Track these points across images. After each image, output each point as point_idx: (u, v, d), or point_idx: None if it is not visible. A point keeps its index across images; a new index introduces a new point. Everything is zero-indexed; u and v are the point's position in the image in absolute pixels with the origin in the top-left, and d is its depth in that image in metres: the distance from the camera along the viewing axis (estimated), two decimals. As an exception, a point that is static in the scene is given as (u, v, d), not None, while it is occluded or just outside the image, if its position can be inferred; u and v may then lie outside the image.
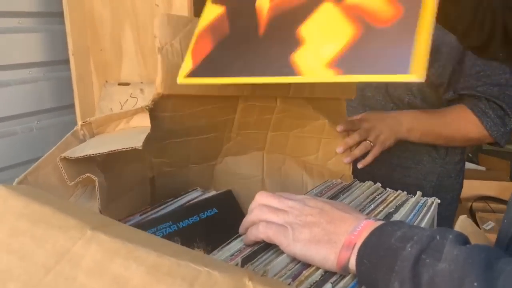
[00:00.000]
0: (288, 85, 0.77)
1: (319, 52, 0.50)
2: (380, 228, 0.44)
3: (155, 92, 0.65)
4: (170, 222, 0.69)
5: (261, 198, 0.55)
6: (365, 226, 0.46)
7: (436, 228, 0.44)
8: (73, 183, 0.56)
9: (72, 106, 1.31)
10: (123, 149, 0.56)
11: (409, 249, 0.39)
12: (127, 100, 1.21)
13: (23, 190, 0.42)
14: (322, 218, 0.49)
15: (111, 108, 1.22)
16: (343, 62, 0.48)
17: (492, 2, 0.65)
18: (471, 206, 2.20)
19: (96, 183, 0.56)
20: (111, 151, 0.57)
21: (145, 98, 1.14)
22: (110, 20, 1.22)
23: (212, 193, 0.78)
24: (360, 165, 0.91)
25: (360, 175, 1.10)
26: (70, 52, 1.24)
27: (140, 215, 0.72)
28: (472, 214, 2.14)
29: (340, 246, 0.45)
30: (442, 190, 1.12)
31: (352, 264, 0.44)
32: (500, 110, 0.94)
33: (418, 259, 0.39)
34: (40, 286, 0.35)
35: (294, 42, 0.52)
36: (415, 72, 0.42)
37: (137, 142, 0.57)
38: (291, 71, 0.51)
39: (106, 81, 1.27)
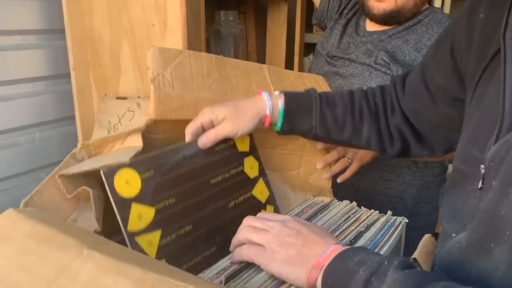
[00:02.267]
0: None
1: None
2: (343, 253, 0.51)
3: (148, 118, 0.72)
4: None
5: (247, 221, 0.62)
6: (333, 250, 0.52)
7: (388, 254, 0.51)
8: (71, 196, 0.63)
9: (73, 117, 1.37)
10: (114, 165, 0.63)
11: (361, 272, 0.46)
12: (124, 113, 1.27)
13: (30, 213, 0.49)
14: (298, 240, 0.55)
15: (109, 121, 1.28)
16: None
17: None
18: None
19: (91, 194, 0.62)
20: (105, 165, 0.64)
21: (142, 112, 1.20)
22: (109, 38, 1.29)
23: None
24: (339, 180, 0.98)
25: (344, 187, 1.17)
26: (71, 67, 1.30)
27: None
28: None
29: (311, 267, 0.52)
30: (422, 201, 1.19)
31: (319, 284, 0.51)
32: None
33: (368, 281, 0.45)
34: (44, 297, 0.42)
35: None
36: None
37: (126, 158, 0.64)
38: None
39: (105, 95, 1.34)
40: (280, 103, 0.76)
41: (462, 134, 0.59)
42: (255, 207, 0.79)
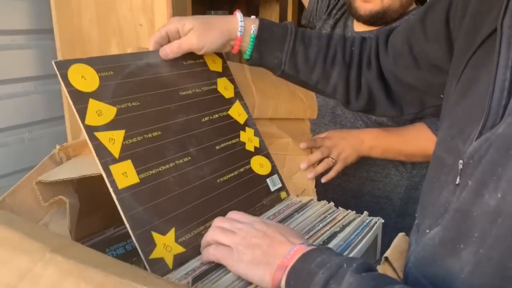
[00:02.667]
0: (252, 107, 0.83)
1: None
2: (306, 254, 0.51)
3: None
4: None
5: (217, 221, 0.62)
6: (297, 251, 0.52)
7: (350, 257, 0.50)
8: (47, 204, 0.63)
9: (62, 117, 1.37)
10: (93, 175, 0.63)
11: (321, 275, 0.46)
12: (113, 113, 1.27)
13: (-4, 216, 0.49)
14: (264, 241, 0.55)
15: (98, 121, 1.28)
16: None
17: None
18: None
19: (67, 205, 0.62)
20: (81, 176, 0.63)
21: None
22: (98, 37, 1.29)
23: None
24: (323, 180, 0.98)
25: (331, 188, 1.17)
26: (60, 67, 1.30)
27: (114, 229, 0.79)
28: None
29: (275, 268, 0.52)
30: (410, 201, 1.18)
31: (283, 285, 0.51)
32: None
33: (327, 284, 0.45)
34: (4, 301, 0.42)
35: None
36: None
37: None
38: None
39: (94, 95, 1.34)
40: (253, 28, 0.73)
41: (446, 118, 0.56)
42: (232, 126, 0.76)
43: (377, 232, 0.70)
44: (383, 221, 0.72)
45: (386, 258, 0.56)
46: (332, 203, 0.77)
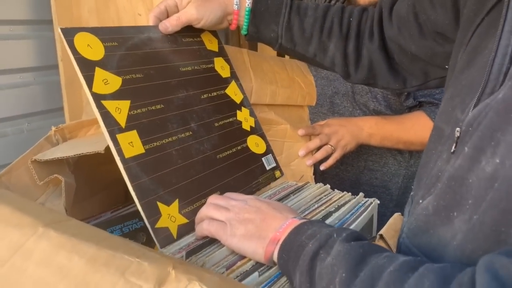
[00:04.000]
0: (250, 93, 0.83)
1: None
2: (298, 227, 0.51)
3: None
4: (137, 219, 0.76)
5: (211, 199, 0.62)
6: (289, 224, 0.52)
7: (340, 227, 0.50)
8: (42, 183, 0.63)
9: (61, 109, 1.37)
10: (88, 153, 0.63)
11: (311, 245, 0.46)
12: (111, 104, 1.27)
13: (-12, 192, 0.49)
14: (257, 216, 0.55)
15: (97, 111, 1.28)
16: None
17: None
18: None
19: (62, 184, 0.62)
20: (77, 154, 0.63)
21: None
22: (97, 28, 1.28)
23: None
24: (322, 167, 0.97)
25: (329, 178, 1.16)
26: (59, 58, 1.30)
27: (111, 212, 0.79)
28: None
29: (268, 241, 0.52)
30: (408, 191, 1.18)
31: (275, 257, 0.51)
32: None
33: (316, 254, 0.45)
34: (-4, 275, 0.42)
35: None
36: None
37: (101, 146, 0.63)
38: None
39: (93, 85, 1.33)
40: (248, 1, 0.73)
41: (449, 89, 0.55)
42: (229, 105, 0.78)
43: (373, 213, 0.69)
44: (378, 202, 0.71)
45: (381, 236, 0.56)
46: (328, 185, 0.77)
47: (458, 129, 0.46)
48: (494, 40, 0.45)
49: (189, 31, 0.76)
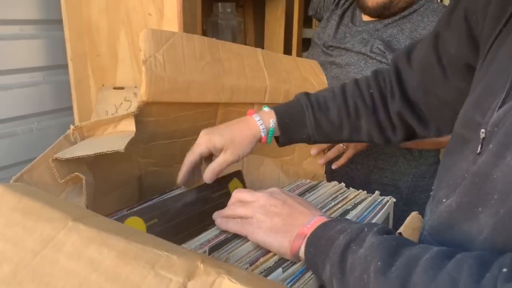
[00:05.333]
0: (264, 92, 0.84)
1: None
2: (326, 223, 0.52)
3: (140, 100, 0.73)
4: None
5: (237, 194, 0.63)
6: (317, 221, 0.53)
7: (369, 223, 0.51)
8: (63, 181, 0.64)
9: (70, 108, 1.38)
10: (108, 152, 0.63)
11: (342, 238, 0.47)
12: (121, 103, 1.28)
13: (17, 187, 0.49)
14: (284, 210, 0.56)
15: (106, 111, 1.29)
16: None
17: None
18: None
19: (83, 181, 0.63)
20: (97, 153, 0.64)
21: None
22: (107, 28, 1.29)
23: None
24: (334, 166, 0.98)
25: (339, 176, 1.17)
26: (69, 57, 1.31)
27: (127, 210, 0.79)
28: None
29: (294, 236, 0.53)
30: (417, 190, 1.19)
31: (302, 252, 0.52)
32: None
33: (348, 247, 0.46)
34: (29, 267, 0.42)
35: None
36: None
37: (121, 145, 0.64)
38: None
39: (103, 85, 1.34)
40: (272, 122, 0.75)
41: (468, 98, 0.56)
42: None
43: (389, 211, 0.70)
44: (394, 200, 0.72)
45: (400, 234, 0.57)
46: (343, 184, 0.77)
47: (483, 130, 0.47)
48: (511, 46, 0.47)
49: (219, 183, 0.77)
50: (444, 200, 0.51)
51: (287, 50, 1.80)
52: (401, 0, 1.10)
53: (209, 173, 0.73)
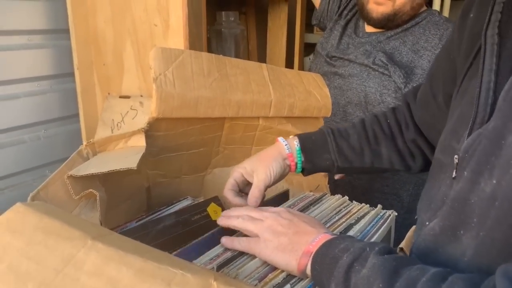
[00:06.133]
0: (269, 106, 0.86)
1: None
2: (330, 241, 0.54)
3: (150, 116, 0.75)
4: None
5: (246, 210, 0.66)
6: (321, 239, 0.55)
7: (371, 242, 0.53)
8: (77, 197, 0.66)
9: (77, 116, 1.40)
10: (121, 169, 0.66)
11: (345, 258, 0.49)
12: (127, 112, 1.30)
13: (37, 206, 0.52)
14: (290, 229, 0.59)
15: (112, 119, 1.31)
16: None
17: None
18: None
19: (98, 198, 0.65)
20: (111, 170, 0.66)
21: (144, 111, 1.23)
22: (113, 37, 1.31)
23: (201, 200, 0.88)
24: (336, 177, 1.01)
25: (341, 185, 1.19)
26: (75, 66, 1.33)
27: (136, 222, 0.82)
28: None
29: (301, 254, 0.55)
30: (418, 198, 1.20)
31: (308, 269, 0.54)
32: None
33: (351, 266, 0.49)
34: (52, 285, 0.45)
35: None
36: None
37: (133, 162, 0.66)
38: None
39: (109, 93, 1.37)
40: (296, 143, 0.78)
41: (447, 125, 0.61)
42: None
43: (391, 225, 0.73)
44: (396, 214, 0.75)
45: (401, 249, 0.60)
46: (346, 197, 0.80)
47: (456, 156, 0.52)
48: (477, 78, 0.52)
49: (197, 208, 0.81)
50: (427, 223, 0.55)
51: (289, 58, 1.82)
52: (405, 13, 1.13)
53: (251, 199, 0.74)
